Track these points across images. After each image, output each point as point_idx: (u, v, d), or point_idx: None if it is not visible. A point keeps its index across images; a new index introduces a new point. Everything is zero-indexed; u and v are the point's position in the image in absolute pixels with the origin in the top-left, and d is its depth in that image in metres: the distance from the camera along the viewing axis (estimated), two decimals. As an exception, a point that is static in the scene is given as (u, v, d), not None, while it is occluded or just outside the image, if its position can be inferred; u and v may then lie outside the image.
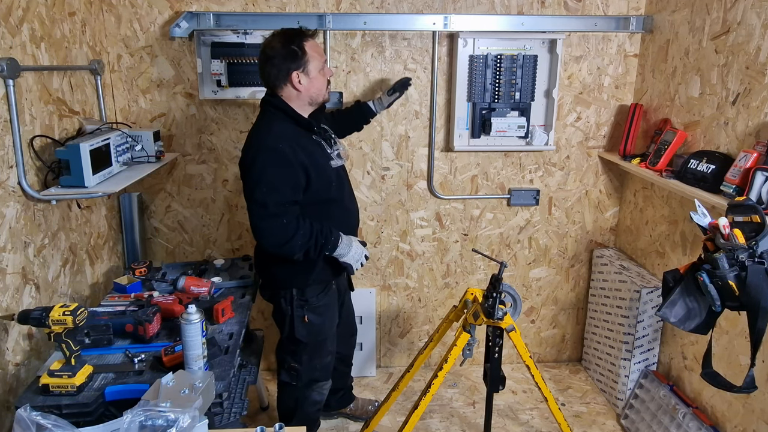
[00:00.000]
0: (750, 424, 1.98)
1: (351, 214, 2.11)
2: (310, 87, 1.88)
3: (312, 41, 1.88)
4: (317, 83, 1.88)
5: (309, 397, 2.17)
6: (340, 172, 2.03)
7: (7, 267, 1.67)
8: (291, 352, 2.11)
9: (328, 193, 1.95)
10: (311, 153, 1.87)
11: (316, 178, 1.87)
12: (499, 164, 2.76)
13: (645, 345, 2.54)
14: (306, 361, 2.11)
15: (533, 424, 2.59)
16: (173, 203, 2.66)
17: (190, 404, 1.27)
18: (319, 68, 1.88)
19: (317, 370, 2.14)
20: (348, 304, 2.38)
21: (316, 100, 1.93)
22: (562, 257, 2.93)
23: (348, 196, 2.08)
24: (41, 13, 1.89)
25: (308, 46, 1.85)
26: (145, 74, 2.47)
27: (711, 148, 2.15)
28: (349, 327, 2.43)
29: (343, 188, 2.04)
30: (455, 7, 2.53)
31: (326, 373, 2.19)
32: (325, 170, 1.92)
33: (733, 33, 2.03)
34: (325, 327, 2.09)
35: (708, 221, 1.62)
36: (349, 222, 2.09)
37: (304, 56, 1.84)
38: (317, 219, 1.92)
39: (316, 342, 2.09)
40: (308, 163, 1.84)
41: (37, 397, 1.51)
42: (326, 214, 1.96)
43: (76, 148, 1.81)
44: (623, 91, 2.71)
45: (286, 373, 2.15)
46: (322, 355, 2.13)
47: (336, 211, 2.01)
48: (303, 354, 2.10)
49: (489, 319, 1.99)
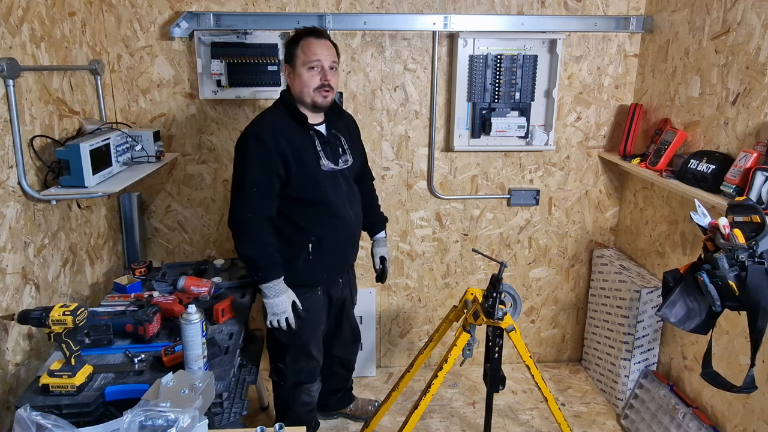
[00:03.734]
0: (750, 424, 1.98)
1: (344, 224, 2.02)
2: (294, 82, 1.93)
3: (315, 41, 1.89)
4: (299, 80, 1.91)
5: (298, 399, 2.19)
6: (336, 178, 1.99)
7: (7, 267, 1.67)
8: (275, 351, 2.15)
9: (317, 195, 1.94)
10: (297, 147, 1.90)
11: (298, 171, 1.89)
12: (499, 164, 2.76)
13: (645, 345, 2.54)
14: (290, 362, 2.12)
15: (533, 424, 2.59)
16: (173, 203, 2.66)
17: (190, 404, 1.27)
18: (305, 67, 1.89)
19: (302, 372, 2.15)
20: (350, 315, 2.34)
21: (301, 98, 1.93)
22: (562, 257, 2.93)
23: (343, 204, 2.00)
24: (41, 13, 1.89)
25: (305, 44, 1.89)
26: (145, 74, 2.47)
27: (711, 148, 2.15)
28: (352, 334, 2.40)
29: (338, 194, 1.98)
30: (455, 7, 2.53)
31: (312, 377, 2.18)
32: (310, 166, 1.92)
33: (733, 33, 2.03)
34: (304, 331, 2.05)
35: (708, 221, 1.62)
36: (338, 232, 2.01)
37: (295, 52, 1.90)
38: (303, 221, 1.95)
39: (298, 345, 2.09)
40: (289, 154, 1.88)
41: (37, 397, 1.51)
42: (314, 217, 1.96)
43: (76, 148, 1.81)
44: (623, 91, 2.71)
45: (274, 372, 2.20)
46: (307, 359, 2.13)
47: (325, 217, 1.97)
48: (286, 355, 2.12)
49: (489, 319, 1.99)
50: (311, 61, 1.88)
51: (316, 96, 1.91)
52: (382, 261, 2.30)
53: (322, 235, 1.98)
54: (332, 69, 1.92)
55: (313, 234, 1.97)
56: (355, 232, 2.11)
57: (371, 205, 2.29)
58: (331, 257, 2.04)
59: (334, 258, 2.07)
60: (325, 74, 1.90)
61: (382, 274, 2.31)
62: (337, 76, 1.96)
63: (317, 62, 1.88)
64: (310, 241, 1.98)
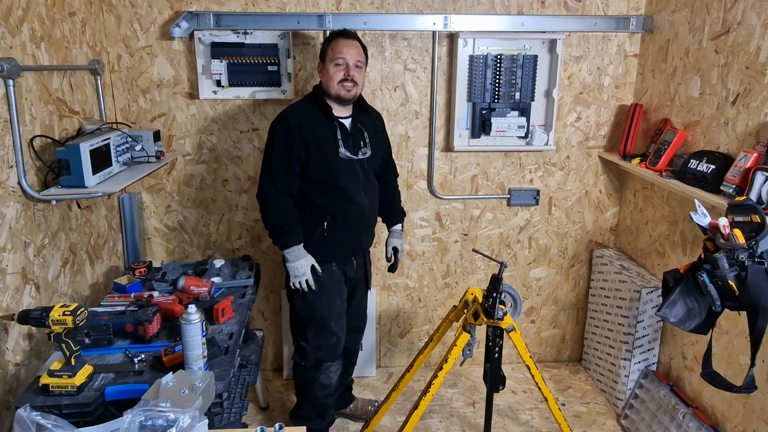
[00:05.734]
0: (750, 424, 1.98)
1: (358, 208, 2.17)
2: (323, 76, 2.12)
3: (343, 40, 2.08)
4: (326, 75, 2.10)
5: (317, 380, 2.26)
6: (353, 166, 2.13)
7: (7, 267, 1.67)
8: (298, 329, 2.27)
9: (333, 179, 2.11)
10: (319, 134, 2.08)
11: (317, 155, 2.08)
12: (499, 164, 2.76)
13: (645, 345, 2.54)
14: (311, 338, 2.23)
15: (533, 424, 2.59)
16: (173, 203, 2.66)
17: (190, 404, 1.27)
18: (332, 63, 2.07)
19: (322, 350, 2.24)
20: (359, 299, 2.41)
21: (328, 91, 2.11)
22: (562, 257, 2.93)
23: (358, 191, 2.15)
24: (41, 13, 1.89)
25: (334, 43, 2.09)
26: (145, 74, 2.47)
27: (711, 148, 2.15)
28: (357, 321, 2.45)
29: (353, 181, 2.14)
30: (455, 7, 2.53)
31: (332, 354, 2.26)
32: (328, 152, 2.09)
33: (733, 33, 2.03)
34: (320, 303, 2.18)
35: (708, 221, 1.62)
36: (351, 214, 2.16)
37: (326, 50, 2.11)
38: (321, 200, 2.12)
39: (317, 319, 2.20)
40: (310, 139, 2.06)
41: (37, 397, 1.51)
42: (330, 198, 2.13)
43: (76, 148, 1.81)
44: (623, 91, 2.71)
45: (296, 353, 2.30)
46: (327, 335, 2.22)
47: (339, 200, 2.13)
48: (308, 331, 2.23)
49: (489, 319, 1.99)
50: (337, 58, 2.06)
51: (339, 89, 2.08)
52: (394, 251, 2.40)
53: (336, 215, 2.14)
54: (357, 66, 2.09)
55: (329, 213, 2.13)
56: (368, 217, 2.26)
57: (391, 198, 2.42)
58: (343, 235, 2.18)
59: (346, 236, 2.19)
60: (349, 70, 2.07)
61: (395, 263, 2.41)
62: (362, 73, 2.13)
63: (342, 59, 2.06)
64: (326, 220, 2.14)
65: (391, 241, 2.41)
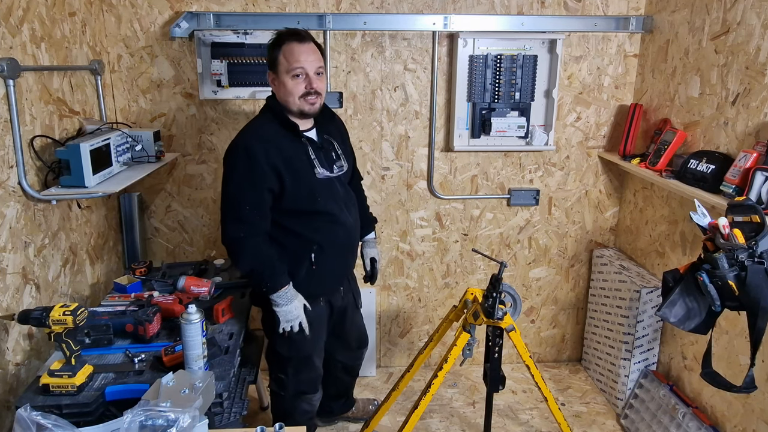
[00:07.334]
0: (750, 424, 1.98)
1: (344, 230, 1.97)
2: (279, 90, 1.84)
3: (297, 45, 1.79)
4: (282, 89, 1.82)
5: (298, 407, 2.13)
6: (332, 184, 1.93)
7: (7, 267, 1.67)
8: (276, 362, 2.08)
9: (314, 205, 1.87)
10: (289, 157, 1.81)
11: (292, 182, 1.81)
12: (499, 164, 2.76)
13: (645, 345, 2.54)
14: (292, 374, 2.06)
15: (533, 424, 2.59)
16: (173, 203, 2.66)
17: (190, 404, 1.28)
18: (289, 75, 1.79)
19: (304, 383, 2.09)
20: (355, 320, 2.28)
21: (287, 106, 1.84)
22: (562, 257, 2.93)
23: (341, 210, 1.95)
24: (41, 14, 1.89)
25: (287, 49, 1.79)
26: (145, 74, 2.47)
27: (711, 148, 2.15)
28: (358, 340, 2.35)
29: (335, 201, 1.93)
30: (455, 7, 2.53)
31: (314, 387, 2.13)
32: (303, 176, 1.84)
33: (733, 33, 2.03)
34: (307, 343, 1.98)
35: (708, 221, 1.62)
36: (338, 238, 1.96)
37: (277, 58, 1.80)
38: (304, 231, 1.89)
39: (300, 357, 2.03)
40: (281, 165, 1.79)
41: (38, 397, 1.51)
42: (313, 226, 1.90)
43: (77, 148, 1.81)
44: (623, 91, 2.71)
45: (274, 383, 2.13)
46: (308, 370, 2.08)
47: (323, 225, 1.92)
48: (288, 367, 2.05)
49: (489, 319, 1.99)
50: (294, 69, 1.78)
51: (302, 104, 1.82)
52: (372, 262, 2.25)
53: (323, 243, 1.92)
54: (318, 74, 1.82)
55: (315, 243, 1.91)
56: (354, 237, 2.07)
57: (362, 207, 2.21)
58: (333, 264, 2.00)
59: (336, 265, 2.02)
60: (311, 81, 1.80)
61: (372, 275, 2.27)
62: (324, 80, 1.86)
63: (300, 69, 1.78)
64: (312, 251, 1.91)
65: (368, 252, 2.23)
